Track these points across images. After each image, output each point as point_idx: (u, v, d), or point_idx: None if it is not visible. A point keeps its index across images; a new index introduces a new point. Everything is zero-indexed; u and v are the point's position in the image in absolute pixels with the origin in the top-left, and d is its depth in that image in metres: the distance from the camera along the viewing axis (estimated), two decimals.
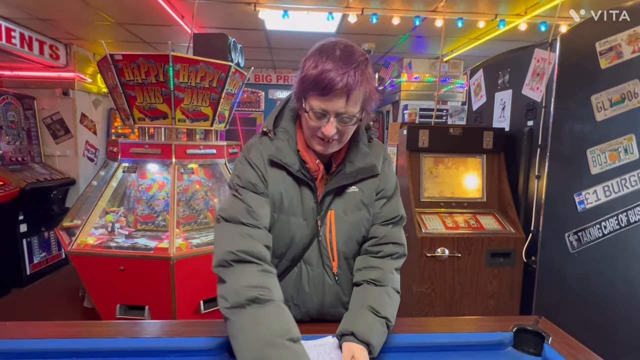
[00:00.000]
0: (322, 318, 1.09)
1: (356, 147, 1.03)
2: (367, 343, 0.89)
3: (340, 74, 0.84)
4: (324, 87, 0.85)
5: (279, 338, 0.80)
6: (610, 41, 2.07)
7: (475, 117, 2.96)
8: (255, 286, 0.86)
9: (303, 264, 1.03)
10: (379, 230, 1.05)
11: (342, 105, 0.87)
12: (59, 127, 4.50)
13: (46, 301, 3.37)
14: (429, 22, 3.55)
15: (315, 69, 0.86)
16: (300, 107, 0.94)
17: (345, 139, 0.97)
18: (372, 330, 0.91)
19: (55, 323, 1.04)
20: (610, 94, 2.10)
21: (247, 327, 0.82)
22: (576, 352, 0.94)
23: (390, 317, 0.96)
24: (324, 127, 0.89)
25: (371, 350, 0.89)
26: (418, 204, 2.33)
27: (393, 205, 1.08)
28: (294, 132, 1.01)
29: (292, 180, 0.99)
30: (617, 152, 2.14)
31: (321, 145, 0.94)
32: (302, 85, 0.91)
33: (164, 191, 2.78)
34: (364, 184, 1.03)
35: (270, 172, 0.99)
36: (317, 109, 0.88)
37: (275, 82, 6.45)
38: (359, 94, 0.88)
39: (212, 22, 3.79)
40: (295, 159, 0.98)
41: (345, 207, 1.01)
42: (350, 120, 0.90)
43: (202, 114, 2.79)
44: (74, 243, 2.43)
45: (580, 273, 2.17)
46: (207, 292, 2.48)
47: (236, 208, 0.95)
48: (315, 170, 0.99)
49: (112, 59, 2.49)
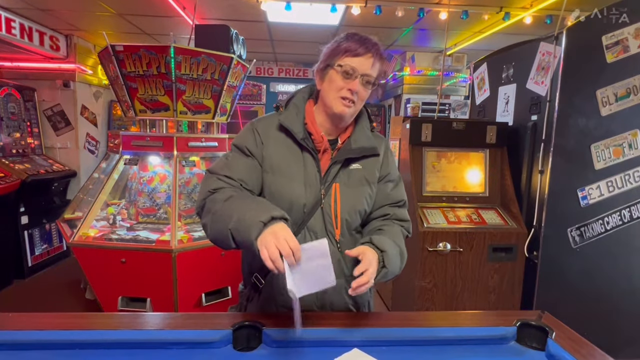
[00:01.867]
0: (324, 303, 1.10)
1: (361, 130, 1.14)
2: (382, 250, 0.99)
3: (370, 44, 1.04)
4: (358, 48, 1.02)
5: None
6: (617, 35, 2.04)
7: (479, 111, 2.94)
8: (229, 194, 1.00)
9: (307, 231, 1.08)
10: (388, 210, 1.16)
11: (369, 67, 1.03)
12: (59, 119, 4.48)
13: (48, 293, 3.39)
14: (432, 15, 3.51)
15: (348, 40, 1.04)
16: (325, 72, 1.07)
17: (359, 107, 1.09)
18: (387, 245, 1.01)
19: (56, 315, 1.04)
20: (615, 89, 2.08)
21: (238, 204, 0.96)
22: (579, 347, 0.94)
23: (404, 252, 1.08)
24: (351, 83, 1.03)
25: (384, 258, 0.98)
26: (420, 198, 2.32)
27: (399, 190, 1.20)
28: (303, 109, 1.13)
29: (297, 148, 1.09)
30: (622, 148, 2.13)
31: (343, 105, 1.05)
32: (335, 51, 1.05)
33: (165, 184, 2.77)
34: (367, 162, 1.13)
35: (274, 136, 1.10)
36: (348, 66, 1.02)
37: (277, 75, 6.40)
38: (380, 65, 1.06)
39: (214, 13, 3.75)
40: (301, 128, 1.09)
41: (349, 181, 1.11)
42: (369, 84, 1.05)
43: (204, 106, 2.77)
44: (76, 235, 2.43)
45: (582, 268, 2.17)
46: (208, 285, 2.49)
47: (219, 164, 1.10)
48: (319, 142, 1.10)
49: (113, 50, 2.47)
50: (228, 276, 2.51)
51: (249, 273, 1.15)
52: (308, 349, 0.94)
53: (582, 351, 0.92)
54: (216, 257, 2.45)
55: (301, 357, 0.91)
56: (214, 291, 2.51)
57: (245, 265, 1.19)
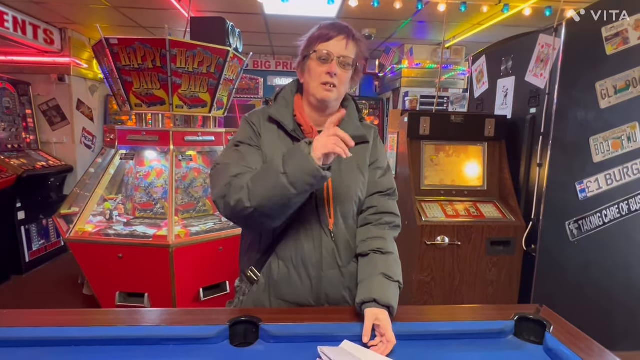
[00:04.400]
0: (319, 295, 1.10)
1: (349, 119, 1.15)
2: (388, 306, 0.98)
3: (340, 27, 1.07)
4: (328, 32, 1.05)
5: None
6: (616, 26, 2.03)
7: (477, 104, 2.92)
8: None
9: (301, 222, 1.08)
10: (377, 201, 1.16)
11: (343, 48, 1.05)
12: (55, 114, 4.45)
13: (45, 288, 3.38)
14: (431, 7, 3.47)
15: (319, 29, 1.07)
16: (304, 63, 1.10)
17: (342, 91, 1.09)
18: (390, 294, 1.01)
19: (54, 311, 1.03)
20: (615, 81, 2.07)
21: (270, 164, 0.99)
22: (578, 341, 0.94)
23: (401, 280, 1.08)
24: (329, 67, 1.04)
25: (392, 312, 0.98)
26: (418, 192, 2.31)
27: (388, 178, 1.20)
28: (292, 101, 1.14)
29: (288, 139, 1.10)
30: (620, 140, 2.12)
31: (325, 90, 1.06)
32: (309, 41, 1.08)
33: (162, 178, 2.76)
34: (357, 149, 1.11)
35: (266, 128, 1.11)
36: (322, 51, 1.05)
37: (275, 69, 6.36)
38: (354, 46, 1.07)
39: (210, 5, 3.71)
40: (290, 120, 1.10)
41: (341, 169, 1.11)
42: (348, 64, 1.06)
43: (200, 100, 2.74)
44: (72, 231, 2.42)
45: (580, 261, 2.18)
46: (206, 280, 2.48)
47: (231, 157, 1.08)
48: (309, 132, 1.10)
49: (108, 43, 2.44)
50: (226, 271, 2.51)
51: (246, 266, 1.15)
52: (305, 344, 0.94)
53: (580, 345, 0.92)
54: (214, 251, 2.45)
55: (298, 352, 0.90)
56: (212, 286, 2.51)
57: (243, 258, 1.18)
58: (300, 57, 1.11)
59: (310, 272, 1.09)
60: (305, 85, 1.11)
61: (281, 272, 1.09)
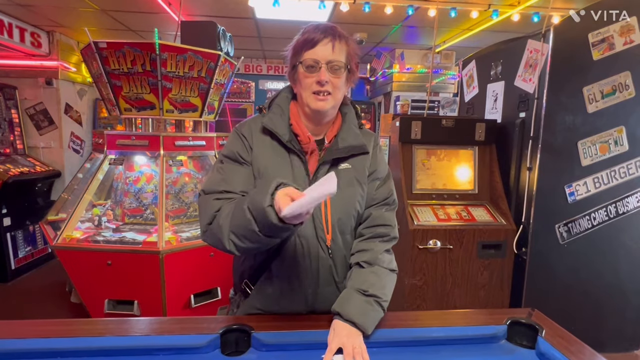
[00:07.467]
0: (314, 310, 1.08)
1: (348, 128, 1.09)
2: (351, 322, 0.95)
3: (323, 28, 1.00)
4: (312, 38, 0.99)
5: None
6: (602, 32, 2.07)
7: (467, 108, 2.95)
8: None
9: (297, 237, 1.03)
10: (373, 213, 1.10)
11: (330, 52, 0.98)
12: (42, 118, 4.37)
13: (32, 296, 3.30)
14: (421, 12, 3.51)
15: (303, 34, 1.01)
16: (294, 73, 1.04)
17: (338, 97, 1.03)
18: (358, 310, 0.97)
19: (39, 322, 1.00)
20: (601, 86, 2.10)
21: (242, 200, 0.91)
22: (569, 345, 0.94)
23: (380, 294, 1.01)
24: (318, 75, 0.98)
25: (359, 328, 0.95)
26: (410, 195, 2.32)
27: (387, 188, 1.13)
28: (287, 109, 1.08)
29: (283, 151, 1.04)
30: (608, 144, 2.15)
31: (318, 100, 1.00)
32: (294, 51, 1.02)
33: (152, 184, 2.72)
34: (356, 161, 1.07)
35: (259, 139, 1.05)
36: (309, 60, 0.98)
37: (266, 73, 6.35)
38: (343, 47, 1.00)
39: (200, 9, 3.70)
40: (286, 130, 1.04)
41: (339, 184, 1.03)
42: (339, 68, 1.00)
43: (191, 104, 2.72)
44: (59, 237, 2.37)
45: (570, 264, 2.20)
46: (197, 286, 2.45)
47: (214, 180, 1.03)
48: (306, 142, 1.04)
49: (96, 47, 2.41)
50: (217, 277, 2.48)
51: (240, 280, 1.12)
52: (297, 352, 0.93)
53: (572, 348, 0.93)
54: (205, 257, 2.42)
55: None
56: (204, 292, 2.47)
57: (237, 273, 1.15)
58: (289, 66, 1.05)
59: (306, 288, 1.06)
60: (298, 95, 1.06)
61: (275, 288, 1.06)
